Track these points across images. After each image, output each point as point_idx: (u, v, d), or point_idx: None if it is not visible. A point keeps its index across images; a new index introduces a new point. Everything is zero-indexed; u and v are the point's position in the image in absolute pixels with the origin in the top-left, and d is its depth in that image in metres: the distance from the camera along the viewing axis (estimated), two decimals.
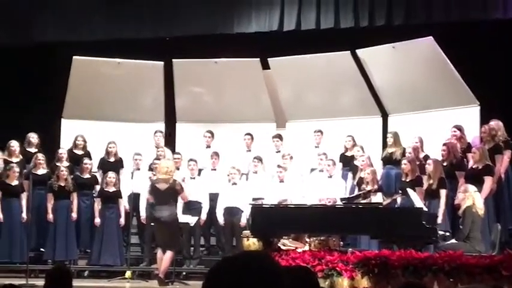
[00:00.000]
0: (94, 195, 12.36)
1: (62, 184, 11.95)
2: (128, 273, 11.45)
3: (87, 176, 12.41)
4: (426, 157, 11.28)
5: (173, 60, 13.60)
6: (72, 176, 12.17)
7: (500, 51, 12.18)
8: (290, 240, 10.35)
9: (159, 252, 10.78)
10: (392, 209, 10.26)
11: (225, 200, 12.00)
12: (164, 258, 10.60)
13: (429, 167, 10.51)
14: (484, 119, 11.40)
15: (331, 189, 11.69)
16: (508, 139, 10.94)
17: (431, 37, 12.00)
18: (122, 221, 12.10)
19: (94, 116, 13.69)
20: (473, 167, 10.60)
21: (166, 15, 13.34)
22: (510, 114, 11.47)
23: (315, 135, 12.85)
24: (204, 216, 12.11)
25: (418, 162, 10.98)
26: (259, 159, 12.38)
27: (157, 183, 10.75)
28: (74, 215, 12.01)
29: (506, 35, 12.03)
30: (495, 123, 10.99)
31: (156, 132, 13.27)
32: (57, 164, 12.26)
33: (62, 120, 13.70)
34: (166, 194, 10.68)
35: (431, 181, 10.42)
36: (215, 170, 12.58)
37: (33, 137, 12.76)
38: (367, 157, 11.63)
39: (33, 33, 13.59)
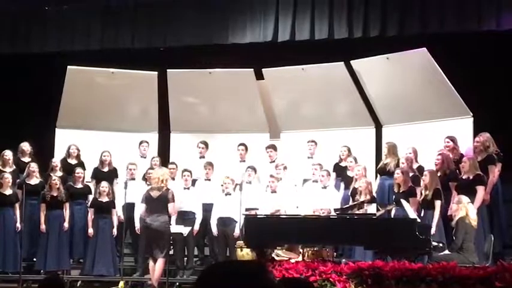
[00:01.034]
0: (87, 205, 12.34)
1: (55, 194, 11.93)
2: (121, 284, 11.42)
3: (80, 185, 12.39)
4: (420, 168, 11.30)
5: (167, 70, 13.62)
6: (65, 186, 12.15)
7: (494, 63, 12.23)
8: (284, 250, 10.36)
9: (151, 262, 10.77)
10: (386, 219, 10.26)
11: (218, 210, 12.00)
12: (156, 268, 10.60)
13: (426, 178, 10.51)
14: (477, 131, 11.43)
15: (325, 200, 11.69)
16: (498, 151, 10.98)
17: (425, 48, 12.04)
18: (115, 231, 12.08)
19: (88, 125, 13.69)
20: (464, 177, 10.62)
21: (161, 26, 13.35)
22: (503, 126, 11.52)
23: (309, 146, 12.86)
24: (197, 226, 12.11)
25: (412, 173, 11.00)
26: (253, 169, 12.38)
27: (151, 191, 10.79)
28: (66, 224, 11.99)
29: (499, 47, 12.08)
30: (486, 136, 11.00)
31: (142, 142, 13.31)
32: (51, 174, 12.25)
33: (56, 129, 13.69)
34: (158, 202, 10.71)
35: (427, 192, 10.43)
36: (209, 180, 12.57)
37: (26, 146, 12.74)
38: (362, 167, 11.63)
39: (31, 43, 13.59)
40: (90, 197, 12.37)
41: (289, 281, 3.17)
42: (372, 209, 10.75)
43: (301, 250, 10.22)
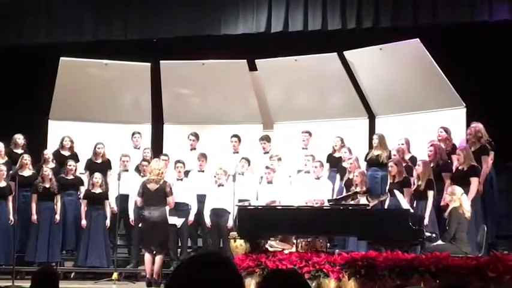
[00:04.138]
0: (79, 196, 12.33)
1: (47, 185, 11.90)
2: (115, 275, 11.43)
3: (71, 177, 12.36)
4: (412, 158, 11.32)
5: (160, 61, 13.60)
6: (56, 178, 12.11)
7: (487, 53, 12.24)
8: (277, 241, 10.36)
9: (146, 254, 10.76)
10: (379, 210, 10.27)
11: (211, 202, 12.00)
12: (156, 261, 10.59)
13: (419, 168, 10.53)
14: (470, 121, 11.44)
15: (318, 191, 11.70)
16: (490, 140, 10.99)
17: (418, 39, 12.04)
18: (108, 222, 12.07)
19: (81, 117, 13.66)
20: (459, 168, 10.64)
21: (154, 17, 13.32)
22: (496, 116, 11.52)
23: (303, 136, 12.85)
24: (192, 217, 12.11)
25: (404, 164, 11.01)
26: (247, 160, 12.38)
27: (148, 184, 10.77)
28: (58, 217, 11.96)
29: (492, 38, 12.09)
30: (478, 126, 11.01)
31: (134, 133, 13.30)
32: (43, 165, 12.23)
33: (49, 121, 13.66)
34: (156, 195, 10.69)
35: (419, 182, 10.45)
36: (203, 171, 12.57)
37: (19, 138, 12.72)
38: (355, 159, 11.63)
39: (23, 35, 13.55)
40: (82, 188, 12.37)
41: (278, 272, 3.16)
42: (365, 200, 10.74)
43: (294, 241, 10.22)
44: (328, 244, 10.76)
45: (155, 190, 10.70)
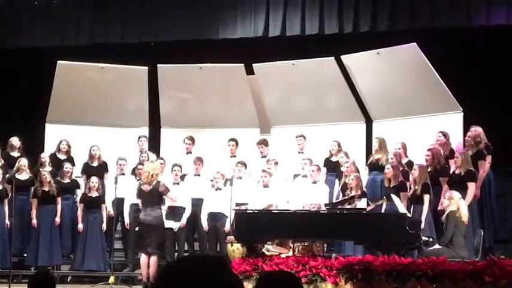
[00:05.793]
0: (75, 199, 12.31)
1: (46, 189, 11.88)
2: (112, 279, 11.40)
3: (67, 180, 12.35)
4: (409, 163, 11.32)
5: (158, 65, 13.59)
6: (54, 180, 12.09)
7: (484, 57, 12.25)
8: (274, 245, 10.35)
9: (142, 257, 10.74)
10: (376, 214, 10.27)
11: (209, 205, 11.99)
12: (151, 264, 10.57)
13: (415, 172, 10.54)
14: (467, 125, 11.45)
15: (315, 195, 11.69)
16: (488, 144, 11.00)
17: (415, 43, 12.06)
18: (104, 226, 12.06)
19: (78, 120, 13.66)
20: (456, 172, 10.65)
21: (151, 21, 13.33)
22: (493, 121, 11.53)
23: (298, 140, 12.84)
24: (184, 220, 12.06)
25: (401, 168, 11.01)
26: (243, 164, 12.38)
27: (142, 185, 10.78)
28: (58, 219, 11.95)
29: (489, 42, 12.11)
30: (478, 130, 11.01)
31: (140, 137, 13.25)
32: (40, 169, 12.21)
33: (46, 124, 13.65)
34: (150, 196, 10.70)
35: (416, 187, 10.46)
36: (199, 175, 12.56)
37: (15, 141, 12.68)
38: (351, 163, 11.63)
39: (21, 38, 13.55)
40: (79, 192, 12.35)
41: (272, 274, 3.16)
42: (362, 204, 10.76)
43: (291, 245, 10.22)
44: (325, 248, 10.75)
45: (149, 191, 10.71)
